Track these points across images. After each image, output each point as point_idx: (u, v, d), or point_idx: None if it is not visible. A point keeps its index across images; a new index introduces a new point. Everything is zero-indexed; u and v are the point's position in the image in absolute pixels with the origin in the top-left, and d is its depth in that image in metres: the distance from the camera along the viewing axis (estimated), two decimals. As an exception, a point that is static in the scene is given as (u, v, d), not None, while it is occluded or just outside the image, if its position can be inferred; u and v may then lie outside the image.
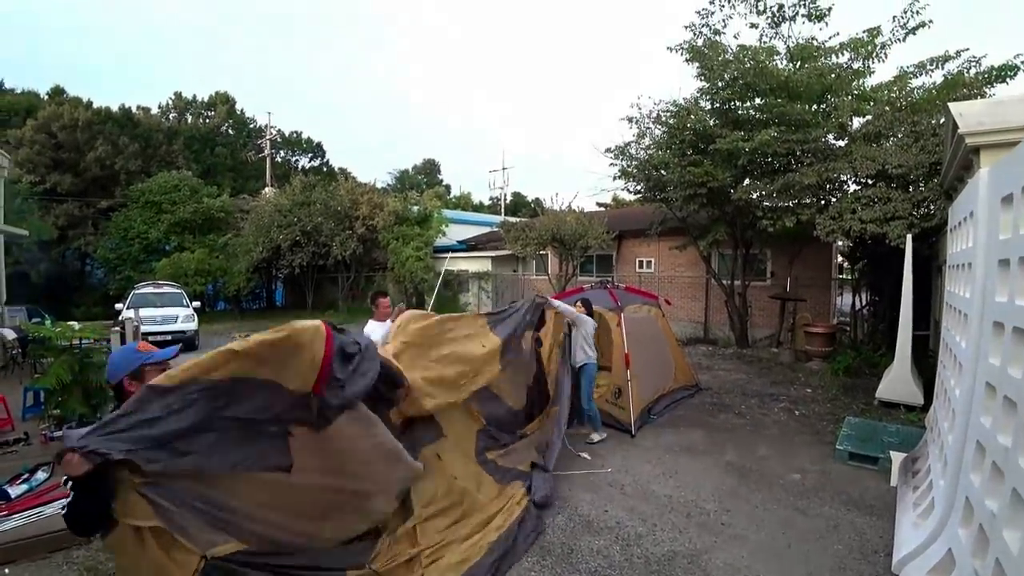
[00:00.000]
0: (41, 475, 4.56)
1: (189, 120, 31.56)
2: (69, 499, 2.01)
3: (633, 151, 10.89)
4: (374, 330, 5.03)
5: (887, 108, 8.68)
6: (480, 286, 17.88)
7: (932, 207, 7.07)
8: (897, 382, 6.53)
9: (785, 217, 8.54)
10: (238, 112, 33.34)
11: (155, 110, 30.84)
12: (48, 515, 3.90)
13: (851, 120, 9.12)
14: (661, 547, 3.70)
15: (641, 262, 14.89)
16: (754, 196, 9.16)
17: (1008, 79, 7.81)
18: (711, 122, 9.69)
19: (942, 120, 7.05)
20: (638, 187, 11.13)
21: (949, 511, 2.82)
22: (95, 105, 25.42)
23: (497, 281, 17.73)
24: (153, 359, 2.34)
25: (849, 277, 11.42)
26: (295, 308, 21.65)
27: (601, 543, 3.77)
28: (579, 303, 5.67)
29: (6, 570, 3.51)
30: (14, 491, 4.23)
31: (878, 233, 7.18)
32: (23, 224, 15.98)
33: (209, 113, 32.45)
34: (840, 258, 12.67)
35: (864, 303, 10.42)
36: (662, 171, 10.14)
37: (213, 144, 30.43)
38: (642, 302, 7.12)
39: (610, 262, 15.61)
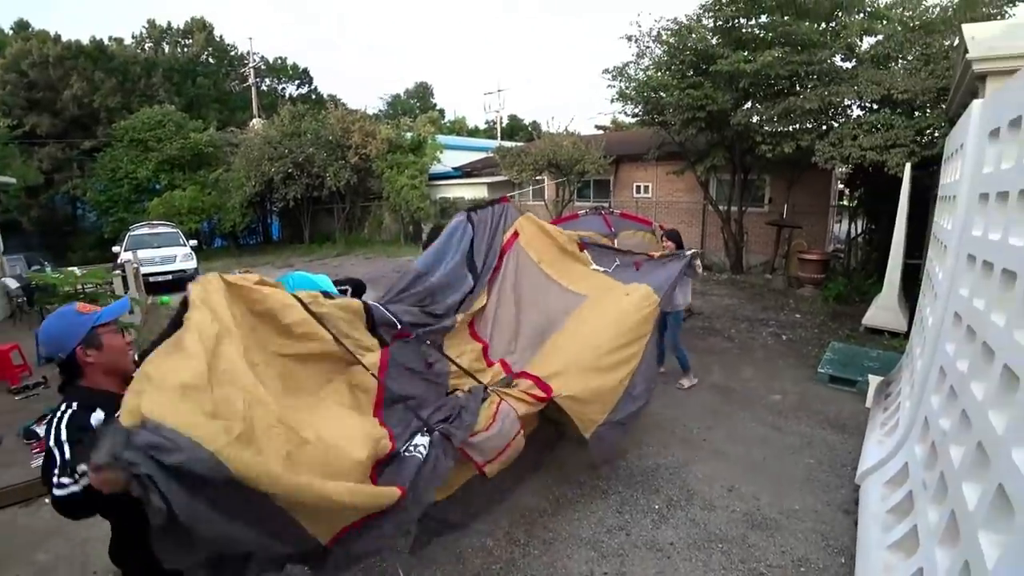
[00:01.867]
0: (64, 415, 4.85)
1: (166, 50, 29.92)
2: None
3: (632, 72, 10.49)
4: None
5: (899, 28, 8.26)
6: (476, 213, 17.79)
7: (935, 135, 6.93)
8: (884, 309, 6.73)
9: (784, 142, 8.38)
10: (217, 39, 31.54)
11: (129, 41, 29.19)
12: (77, 450, 4.25)
13: (860, 40, 8.70)
14: (645, 461, 4.02)
15: (639, 187, 14.72)
16: (754, 120, 8.93)
17: None
18: (713, 41, 9.27)
19: (955, 42, 6.74)
20: (636, 110, 10.82)
21: (910, 430, 3.06)
22: (64, 39, 24.08)
23: (493, 208, 17.62)
24: (104, 319, 1.83)
25: (847, 204, 11.35)
26: (292, 242, 21.66)
27: (589, 458, 4.05)
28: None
29: (46, 500, 3.82)
30: (41, 430, 4.51)
31: (877, 161, 7.08)
32: (7, 171, 15.66)
33: (186, 41, 30.72)
34: (840, 185, 12.52)
35: (861, 231, 10.44)
36: (661, 93, 9.81)
37: (194, 75, 29.02)
38: (636, 228, 7.14)
39: (607, 187, 15.42)
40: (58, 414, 1.70)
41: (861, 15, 8.69)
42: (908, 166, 6.74)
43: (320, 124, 18.59)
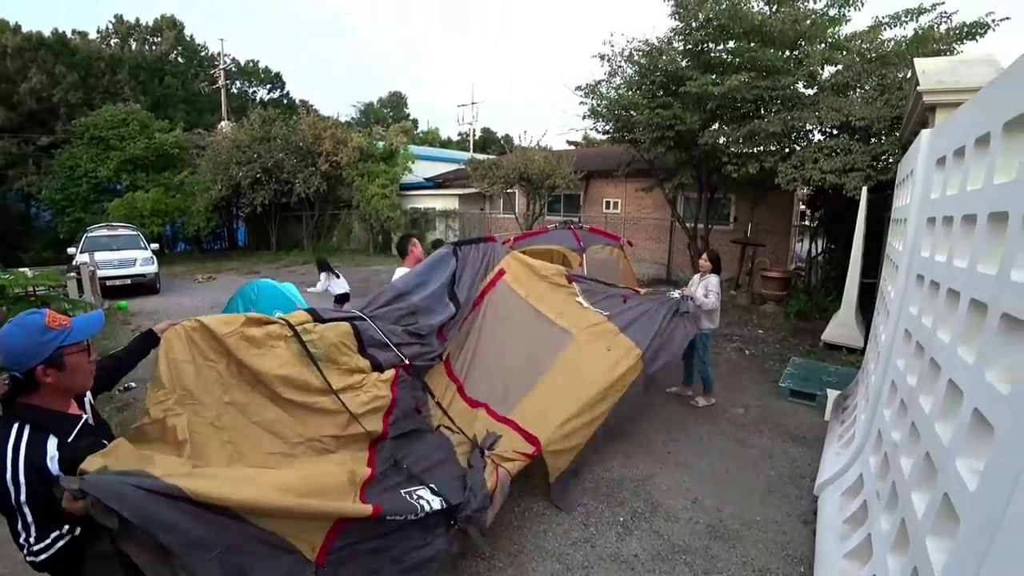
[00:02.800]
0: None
1: (133, 47, 29.10)
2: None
3: (604, 90, 10.71)
4: None
5: (857, 59, 8.71)
6: (448, 224, 17.82)
7: (890, 160, 7.29)
8: (842, 326, 6.98)
9: (749, 163, 8.67)
10: (187, 38, 30.86)
11: (94, 35, 28.30)
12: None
13: (822, 69, 9.14)
14: (611, 473, 4.05)
15: (608, 203, 15.00)
16: (721, 141, 9.22)
17: (978, 36, 7.85)
18: (683, 63, 9.56)
19: (908, 74, 7.14)
20: (607, 127, 11.04)
21: (865, 442, 3.17)
22: (24, 30, 23.20)
23: (464, 219, 17.70)
24: (73, 339, 1.68)
25: (809, 224, 11.80)
26: (258, 248, 21.18)
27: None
28: (705, 257, 5.26)
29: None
30: None
31: (836, 183, 7.39)
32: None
33: (155, 39, 29.96)
34: (801, 206, 13.01)
35: (820, 250, 10.84)
36: (631, 112, 10.05)
37: (162, 74, 28.25)
38: (605, 243, 7.27)
39: (577, 202, 15.66)
40: (10, 444, 1.57)
41: (823, 45, 9.13)
42: (864, 189, 7.06)
43: (291, 130, 18.40)
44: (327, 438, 2.67)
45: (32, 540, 1.56)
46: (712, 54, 9.54)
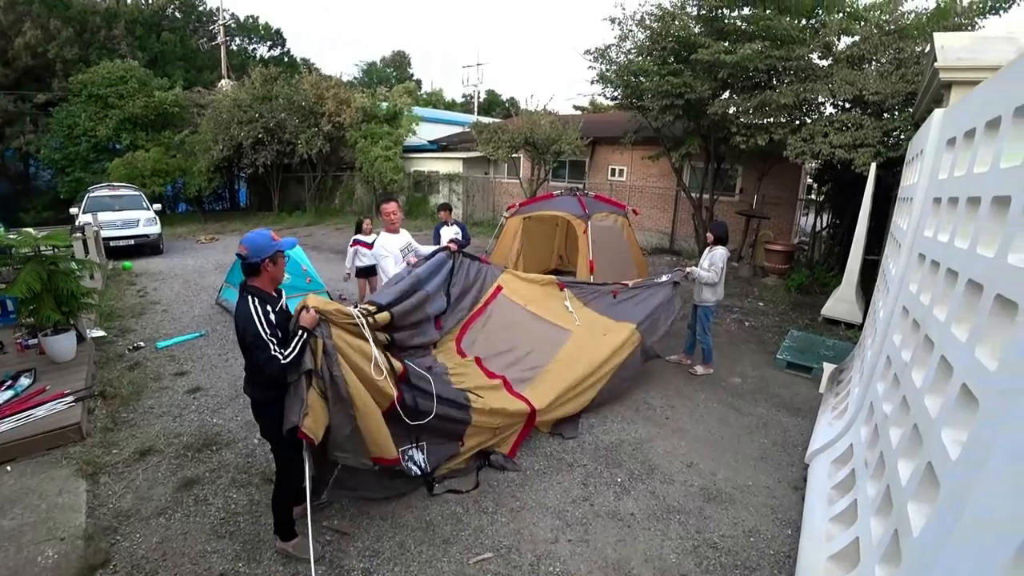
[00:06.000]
0: (25, 381, 4.65)
1: (129, 1, 28.24)
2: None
3: (613, 55, 10.48)
4: (389, 246, 4.74)
5: (875, 31, 8.47)
6: (451, 188, 17.70)
7: (901, 137, 7.21)
8: (841, 301, 7.07)
9: (758, 135, 8.57)
10: (184, -9, 29.92)
11: (88, -14, 27.42)
12: (40, 417, 4.09)
13: (838, 40, 8.90)
14: (610, 436, 4.22)
15: (614, 170, 14.87)
16: (731, 111, 9.09)
17: (1002, 10, 7.63)
18: (695, 30, 9.32)
19: (927, 49, 6.98)
20: (615, 93, 10.84)
21: (857, 413, 3.29)
22: (15, -18, 22.47)
23: (468, 184, 17.55)
24: (282, 247, 2.71)
25: (815, 199, 11.74)
26: (260, 209, 21.11)
27: (557, 433, 4.24)
28: (709, 232, 5.28)
29: (8, 467, 3.73)
30: (1, 396, 4.36)
31: (845, 159, 7.35)
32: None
33: (152, -8, 29.06)
34: (808, 179, 12.90)
35: (825, 225, 10.83)
36: (641, 78, 9.86)
37: (159, 29, 27.44)
38: (610, 210, 7.31)
39: (583, 168, 15.54)
40: (254, 309, 2.50)
41: (840, 15, 8.88)
42: (873, 166, 7.02)
43: (293, 89, 17.98)
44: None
45: (283, 354, 2.52)
46: (726, 21, 9.29)
